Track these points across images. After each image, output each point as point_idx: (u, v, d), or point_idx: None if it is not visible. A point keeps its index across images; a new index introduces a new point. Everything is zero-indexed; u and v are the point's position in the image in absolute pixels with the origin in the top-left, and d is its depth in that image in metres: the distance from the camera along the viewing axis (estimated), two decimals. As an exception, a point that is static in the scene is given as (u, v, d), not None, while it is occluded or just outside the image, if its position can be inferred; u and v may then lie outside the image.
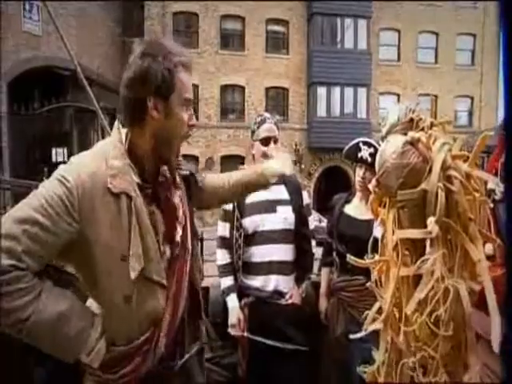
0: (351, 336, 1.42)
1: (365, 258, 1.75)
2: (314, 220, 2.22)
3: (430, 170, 0.58)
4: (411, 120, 0.73)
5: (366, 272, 1.78)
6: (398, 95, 15.46)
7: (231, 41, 14.47)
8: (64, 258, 0.91)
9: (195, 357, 1.11)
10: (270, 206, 1.80)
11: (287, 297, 1.81)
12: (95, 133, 9.80)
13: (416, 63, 15.47)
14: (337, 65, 14.01)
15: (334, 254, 2.02)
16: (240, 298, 1.81)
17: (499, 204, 0.91)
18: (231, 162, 14.31)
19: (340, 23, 14.38)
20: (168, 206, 1.01)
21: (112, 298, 0.91)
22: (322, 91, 14.42)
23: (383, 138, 0.85)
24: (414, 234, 0.57)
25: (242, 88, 14.46)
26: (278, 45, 14.76)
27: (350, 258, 0.69)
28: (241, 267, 1.80)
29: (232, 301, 1.81)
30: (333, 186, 12.93)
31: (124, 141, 0.97)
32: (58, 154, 9.21)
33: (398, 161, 0.58)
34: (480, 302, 0.65)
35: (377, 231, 1.81)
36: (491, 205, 1.01)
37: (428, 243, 0.60)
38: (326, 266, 2.08)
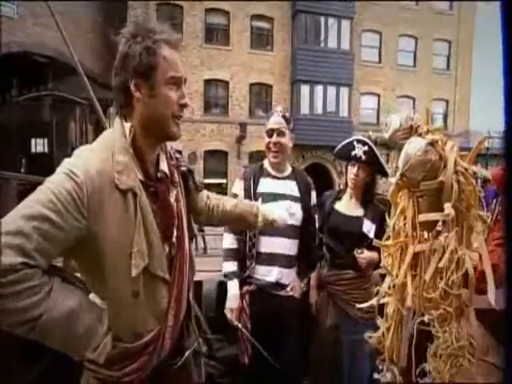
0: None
1: (354, 252, 1.88)
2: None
3: (445, 166, 0.72)
4: (411, 126, 0.87)
5: (354, 266, 1.90)
6: (379, 96, 15.90)
7: (216, 35, 14.37)
8: (71, 255, 0.90)
9: (192, 352, 1.11)
10: (279, 199, 1.81)
11: (288, 289, 1.85)
12: (76, 123, 9.53)
13: (396, 65, 15.95)
14: (320, 64, 14.21)
15: (324, 248, 2.08)
16: (242, 285, 1.84)
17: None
18: (214, 156, 14.30)
19: (324, 22, 14.59)
20: (165, 205, 1.00)
21: (120, 294, 0.90)
22: (305, 89, 14.59)
23: (386, 141, 0.99)
24: (435, 216, 0.71)
25: (226, 83, 14.43)
26: (262, 41, 14.79)
27: (377, 242, 0.81)
28: (254, 253, 1.81)
29: (233, 286, 1.83)
30: (315, 182, 13.16)
31: (128, 134, 0.96)
32: (37, 144, 8.91)
33: (422, 158, 0.71)
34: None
35: (365, 227, 1.94)
36: (483, 194, 1.18)
37: (440, 224, 0.74)
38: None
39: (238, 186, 1.93)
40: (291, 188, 1.91)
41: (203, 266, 2.32)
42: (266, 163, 1.96)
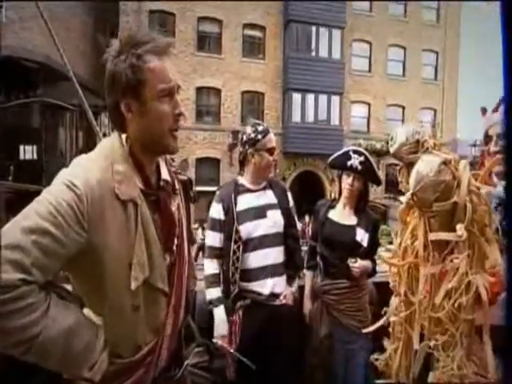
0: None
1: (348, 261, 1.87)
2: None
3: (458, 186, 0.70)
4: (417, 141, 0.86)
5: (348, 275, 1.89)
6: (369, 104, 16.14)
7: (208, 43, 14.44)
8: (69, 268, 0.86)
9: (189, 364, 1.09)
10: (260, 212, 1.84)
11: (281, 297, 1.84)
12: (66, 130, 9.41)
13: (386, 75, 16.24)
14: (312, 72, 14.38)
15: (318, 257, 2.08)
16: (236, 301, 1.82)
17: None
18: (207, 164, 14.24)
19: (315, 32, 14.81)
20: (167, 214, 0.98)
21: (120, 308, 0.87)
22: (296, 97, 14.73)
23: (392, 154, 0.97)
24: (447, 236, 0.70)
25: (218, 91, 14.47)
26: (254, 49, 14.92)
27: (385, 259, 0.79)
28: (238, 278, 1.79)
29: (220, 313, 1.79)
30: (306, 190, 13.22)
31: (126, 144, 0.93)
32: (26, 151, 8.75)
33: (435, 178, 0.69)
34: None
35: (359, 236, 1.94)
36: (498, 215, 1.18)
37: (452, 245, 0.72)
38: (310, 269, 2.11)
39: (215, 209, 1.87)
40: (269, 197, 1.92)
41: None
42: (241, 179, 1.93)
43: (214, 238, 1.87)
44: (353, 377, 1.91)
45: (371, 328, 0.90)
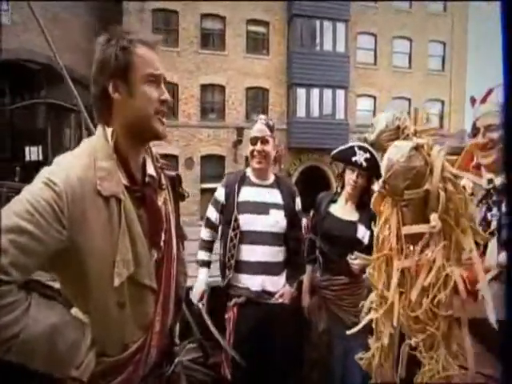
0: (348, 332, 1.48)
1: (348, 257, 1.84)
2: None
3: (431, 172, 0.66)
4: (398, 127, 0.82)
5: (348, 272, 1.86)
6: (375, 97, 15.93)
7: (211, 40, 14.41)
8: (53, 267, 0.85)
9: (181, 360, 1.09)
10: (263, 208, 1.85)
11: (277, 296, 1.85)
12: (71, 130, 9.50)
13: (391, 67, 15.99)
14: (316, 67, 14.24)
15: (318, 252, 2.06)
16: (231, 298, 1.85)
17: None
18: (211, 161, 14.26)
19: (319, 26, 14.65)
20: (153, 210, 0.97)
21: (105, 305, 0.86)
22: (301, 92, 14.62)
23: (372, 144, 0.93)
24: (420, 228, 0.66)
25: (222, 87, 14.44)
26: (258, 45, 14.83)
27: (357, 254, 0.75)
28: (232, 265, 1.83)
29: (202, 273, 1.94)
30: (312, 185, 13.15)
31: (110, 139, 0.92)
32: (31, 152, 8.85)
33: (406, 164, 0.66)
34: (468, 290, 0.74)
35: (360, 233, 1.90)
36: (475, 201, 1.14)
37: (426, 237, 0.68)
38: (309, 263, 2.10)
39: (219, 192, 1.96)
40: (274, 196, 1.90)
41: (190, 272, 2.32)
42: (249, 171, 1.96)
43: (211, 213, 1.99)
44: (351, 373, 1.88)
45: (355, 329, 0.87)
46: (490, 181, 1.26)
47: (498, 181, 1.25)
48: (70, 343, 0.80)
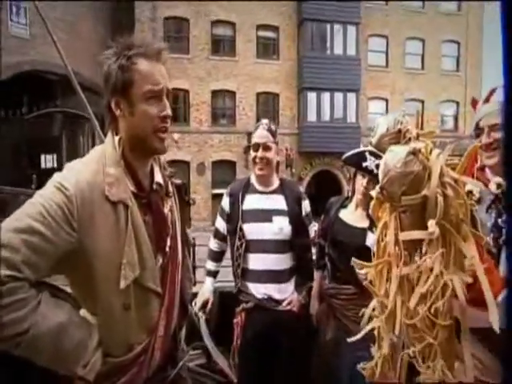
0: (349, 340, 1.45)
1: (355, 266, 1.78)
2: (314, 226, 2.26)
3: (429, 177, 0.63)
4: (399, 131, 0.78)
5: (355, 281, 1.76)
6: (387, 100, 15.76)
7: (222, 46, 14.56)
8: (63, 269, 0.88)
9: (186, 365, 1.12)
10: (266, 216, 1.82)
11: (284, 303, 1.82)
12: (85, 138, 9.71)
13: (403, 69, 15.80)
14: (327, 70, 14.21)
15: (326, 258, 2.00)
16: (239, 303, 1.85)
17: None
18: (222, 167, 14.33)
19: (330, 29, 14.63)
20: (159, 216, 1.00)
21: (111, 307, 0.89)
22: (312, 96, 14.60)
23: (374, 148, 0.90)
24: (418, 235, 0.62)
25: (233, 93, 14.55)
26: (268, 50, 14.91)
27: (354, 261, 0.72)
28: (240, 275, 1.84)
29: (207, 282, 1.97)
30: (323, 189, 13.03)
31: (118, 147, 0.96)
32: (47, 160, 9.08)
33: (403, 169, 0.63)
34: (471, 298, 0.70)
35: (369, 240, 1.81)
36: (476, 207, 1.08)
37: (426, 243, 0.65)
38: (319, 269, 2.06)
39: (224, 201, 1.95)
40: (279, 202, 1.87)
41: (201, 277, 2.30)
42: (253, 178, 1.94)
43: (219, 224, 2.00)
44: (358, 381, 1.83)
45: (357, 337, 0.83)
46: (499, 185, 1.20)
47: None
48: (77, 342, 0.83)
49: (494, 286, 0.67)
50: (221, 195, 1.43)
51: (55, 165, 8.94)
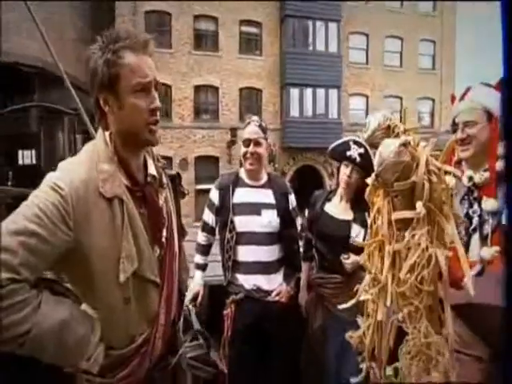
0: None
1: (341, 257, 1.87)
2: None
3: (417, 166, 0.74)
4: (389, 126, 0.90)
5: (341, 271, 1.89)
6: (367, 96, 16.10)
7: (204, 41, 14.45)
8: (61, 267, 0.89)
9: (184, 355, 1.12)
10: (255, 209, 1.88)
11: (273, 294, 1.88)
12: (64, 134, 9.46)
13: (383, 66, 16.17)
14: (309, 67, 14.36)
15: (314, 250, 2.06)
16: (228, 295, 1.90)
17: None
18: (206, 162, 14.29)
19: (311, 26, 14.77)
20: (154, 208, 1.01)
21: (111, 302, 0.90)
22: (294, 92, 14.72)
23: (366, 141, 1.01)
24: (408, 214, 0.74)
25: (216, 88, 14.49)
26: (251, 46, 14.90)
27: (355, 241, 0.83)
28: (230, 267, 1.88)
29: (197, 276, 2.02)
30: (306, 184, 13.24)
31: (110, 143, 0.96)
32: (25, 156, 8.82)
33: (395, 159, 0.74)
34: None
35: (354, 231, 1.91)
36: (459, 198, 1.22)
37: (414, 223, 0.76)
38: (306, 260, 2.12)
39: (214, 194, 1.98)
40: (267, 196, 1.93)
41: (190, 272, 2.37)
42: (242, 172, 1.98)
43: (208, 217, 2.02)
44: (346, 367, 1.90)
45: (347, 305, 0.95)
46: (470, 178, 1.33)
47: (477, 178, 1.33)
48: (79, 337, 0.85)
49: (457, 272, 0.79)
50: (204, 191, 1.43)
51: (34, 161, 8.68)
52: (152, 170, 1.04)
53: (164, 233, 1.02)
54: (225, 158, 14.42)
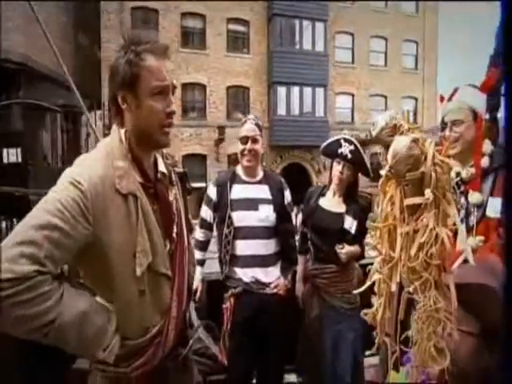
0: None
1: (335, 247, 1.99)
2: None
3: (425, 159, 0.87)
4: (395, 125, 1.02)
5: (336, 261, 2.01)
6: (353, 95, 16.39)
7: (192, 39, 14.40)
8: (78, 262, 0.92)
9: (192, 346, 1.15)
10: (252, 204, 1.94)
11: (272, 286, 1.94)
12: (47, 131, 9.28)
13: (368, 66, 16.50)
14: (296, 65, 14.52)
15: (309, 243, 2.14)
16: (227, 289, 1.95)
17: None
18: (193, 160, 14.27)
19: (299, 25, 14.93)
20: (165, 204, 1.05)
21: (127, 294, 0.93)
22: (281, 91, 14.86)
23: (373, 139, 1.13)
24: (418, 200, 0.86)
25: (203, 86, 14.48)
26: (238, 44, 14.95)
27: (370, 224, 0.94)
28: (228, 260, 1.93)
29: (196, 272, 1.98)
30: (293, 182, 13.38)
31: (124, 140, 0.99)
32: (10, 154, 8.63)
33: (407, 153, 0.86)
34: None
35: (347, 223, 2.04)
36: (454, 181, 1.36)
37: (422, 207, 0.89)
38: (302, 253, 2.20)
39: (211, 191, 2.03)
40: (264, 192, 2.00)
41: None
42: (239, 169, 2.03)
43: (205, 213, 2.06)
44: (341, 355, 2.00)
45: (361, 289, 1.07)
46: (458, 174, 1.44)
47: (464, 173, 1.45)
48: (98, 328, 0.88)
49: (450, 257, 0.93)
50: (193, 189, 1.43)
51: (19, 159, 8.50)
52: (162, 167, 1.08)
53: (174, 228, 1.06)
54: (212, 156, 14.43)
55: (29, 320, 0.77)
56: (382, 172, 0.91)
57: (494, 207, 1.36)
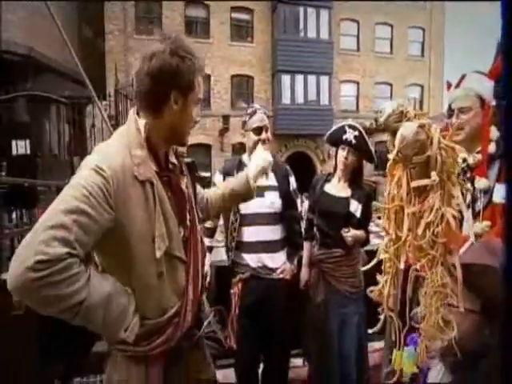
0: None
1: (342, 231, 2.05)
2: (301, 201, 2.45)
3: (431, 143, 0.94)
4: (401, 112, 1.08)
5: (342, 245, 2.07)
6: (358, 83, 16.24)
7: (195, 28, 14.30)
8: (100, 247, 0.95)
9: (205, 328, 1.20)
10: (258, 191, 1.93)
11: (278, 272, 1.98)
12: (51, 123, 9.36)
13: (373, 53, 16.30)
14: (300, 53, 14.39)
15: (315, 229, 2.20)
16: (235, 274, 2.00)
17: None
18: (198, 150, 14.32)
19: (303, 13, 14.73)
20: (179, 192, 1.10)
21: (146, 277, 0.98)
22: (286, 79, 14.77)
23: (381, 125, 1.19)
24: (425, 182, 0.93)
25: (208, 76, 14.41)
26: (242, 33, 14.82)
27: (377, 205, 1.01)
28: (234, 247, 1.98)
29: None
30: (298, 170, 13.41)
31: (143, 130, 1.03)
32: (18, 146, 8.73)
33: (415, 137, 0.93)
34: None
35: (352, 207, 2.10)
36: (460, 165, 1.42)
37: (428, 189, 0.97)
38: (308, 239, 2.24)
39: (218, 179, 2.06)
40: (270, 178, 2.00)
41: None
42: (245, 157, 2.06)
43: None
44: (347, 339, 2.06)
45: (368, 266, 1.15)
46: (464, 160, 1.47)
47: (471, 159, 1.48)
48: (121, 309, 0.93)
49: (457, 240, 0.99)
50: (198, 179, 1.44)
51: (28, 151, 8.61)
52: (173, 158, 1.14)
53: (188, 215, 1.12)
54: (217, 146, 14.45)
55: (62, 300, 0.82)
56: (390, 156, 0.98)
57: (501, 193, 1.37)
